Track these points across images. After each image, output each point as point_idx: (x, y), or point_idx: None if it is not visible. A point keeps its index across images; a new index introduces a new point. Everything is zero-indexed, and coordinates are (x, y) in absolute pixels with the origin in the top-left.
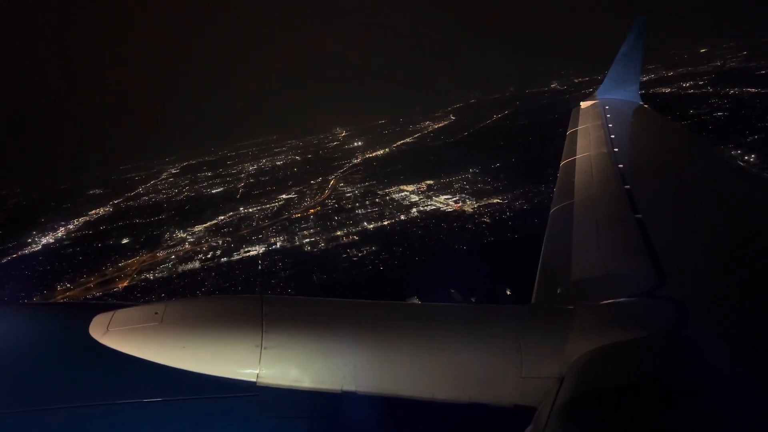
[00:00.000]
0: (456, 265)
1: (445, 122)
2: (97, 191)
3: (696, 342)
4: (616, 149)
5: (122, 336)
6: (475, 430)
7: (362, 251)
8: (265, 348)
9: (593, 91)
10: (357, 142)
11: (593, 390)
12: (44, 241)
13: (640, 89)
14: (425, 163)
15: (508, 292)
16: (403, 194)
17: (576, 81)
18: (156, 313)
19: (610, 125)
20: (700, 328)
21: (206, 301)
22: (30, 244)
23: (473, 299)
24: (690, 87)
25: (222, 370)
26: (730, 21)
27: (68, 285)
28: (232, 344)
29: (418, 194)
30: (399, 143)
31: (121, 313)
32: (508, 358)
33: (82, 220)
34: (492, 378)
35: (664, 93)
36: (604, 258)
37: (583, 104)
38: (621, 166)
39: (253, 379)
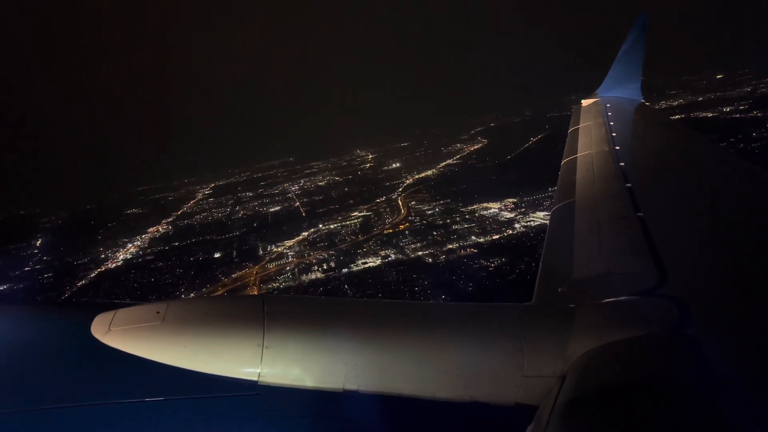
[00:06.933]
0: None
1: (479, 145)
2: (136, 211)
3: (697, 341)
4: (617, 147)
5: (124, 335)
6: (476, 428)
7: (493, 262)
8: (266, 347)
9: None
10: (394, 163)
11: (594, 389)
12: (121, 256)
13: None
14: (490, 182)
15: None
16: (491, 211)
17: None
18: (158, 312)
19: (612, 123)
20: (702, 327)
21: (208, 301)
22: (107, 260)
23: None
24: (732, 111)
25: (224, 369)
26: (727, 49)
27: (192, 295)
28: (233, 343)
29: (508, 211)
30: (443, 164)
31: (122, 313)
32: (510, 357)
33: (146, 237)
34: (493, 377)
35: (709, 117)
36: (605, 256)
37: (585, 102)
38: (622, 164)
39: (255, 378)
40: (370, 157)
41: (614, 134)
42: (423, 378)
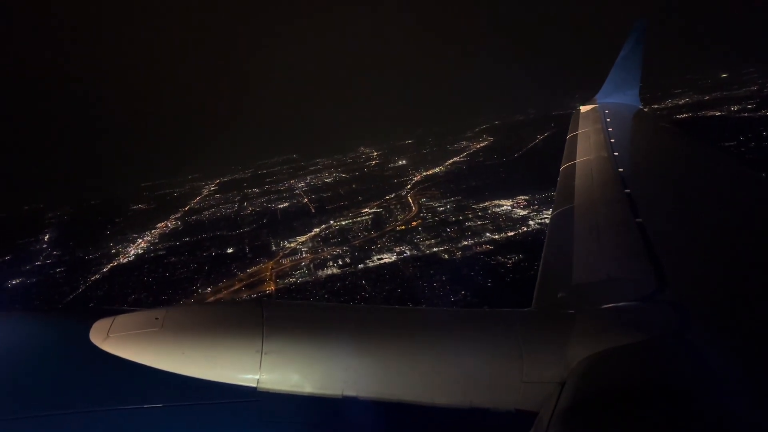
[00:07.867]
0: None
1: (484, 143)
2: (142, 206)
3: (697, 346)
4: (616, 153)
5: (123, 342)
6: None
7: (510, 258)
8: (265, 353)
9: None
10: (400, 161)
11: (594, 394)
12: (132, 251)
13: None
14: (499, 180)
15: None
16: (503, 208)
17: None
18: (156, 318)
19: (610, 129)
20: (701, 332)
21: (206, 307)
22: (118, 255)
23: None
24: (741, 110)
25: (222, 375)
26: (728, 47)
27: (209, 289)
28: (232, 350)
29: (520, 208)
30: (449, 162)
31: (121, 319)
32: (510, 363)
33: (155, 232)
34: (493, 382)
35: (717, 116)
36: (604, 262)
37: (583, 108)
38: (621, 170)
39: (254, 385)
40: (375, 154)
41: (613, 140)
42: (422, 384)
